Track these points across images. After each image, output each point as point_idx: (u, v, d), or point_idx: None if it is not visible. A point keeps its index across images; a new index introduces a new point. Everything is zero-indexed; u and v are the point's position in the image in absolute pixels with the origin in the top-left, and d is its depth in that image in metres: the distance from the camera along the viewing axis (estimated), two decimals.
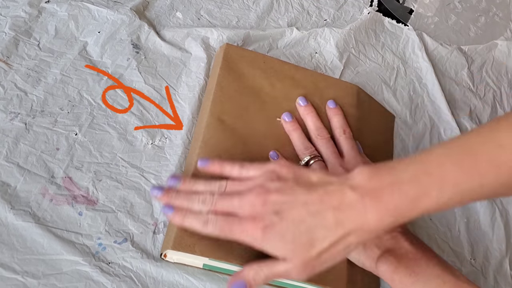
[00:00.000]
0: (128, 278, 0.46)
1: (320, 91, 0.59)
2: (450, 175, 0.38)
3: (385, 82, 0.67)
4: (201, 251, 0.46)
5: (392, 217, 0.39)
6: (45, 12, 0.61)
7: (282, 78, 0.59)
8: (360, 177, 0.40)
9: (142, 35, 0.62)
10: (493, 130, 0.39)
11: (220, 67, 0.57)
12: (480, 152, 0.39)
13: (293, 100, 0.58)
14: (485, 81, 0.71)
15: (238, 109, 0.55)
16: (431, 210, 0.40)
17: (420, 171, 0.39)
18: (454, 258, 0.56)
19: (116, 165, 0.52)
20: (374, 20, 0.73)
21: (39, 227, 0.46)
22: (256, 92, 0.57)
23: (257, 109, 0.56)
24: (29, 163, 0.50)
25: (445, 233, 0.57)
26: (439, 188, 0.38)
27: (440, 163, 0.39)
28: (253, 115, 0.55)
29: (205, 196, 0.44)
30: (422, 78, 0.69)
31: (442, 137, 0.63)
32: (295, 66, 0.61)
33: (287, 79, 0.59)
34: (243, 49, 0.62)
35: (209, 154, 0.51)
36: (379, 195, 0.39)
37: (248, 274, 0.42)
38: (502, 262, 0.57)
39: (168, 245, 0.46)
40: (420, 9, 0.76)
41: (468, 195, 0.40)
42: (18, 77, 0.55)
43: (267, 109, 0.56)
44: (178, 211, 0.44)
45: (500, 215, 0.59)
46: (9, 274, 0.44)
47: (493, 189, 0.39)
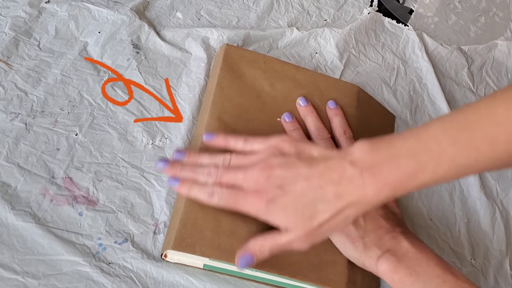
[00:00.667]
0: (129, 278, 0.46)
1: (321, 92, 0.59)
2: (446, 150, 0.39)
3: (385, 82, 0.67)
4: (201, 251, 0.46)
5: (389, 191, 0.40)
6: (45, 12, 0.61)
7: (283, 79, 0.59)
8: (360, 152, 0.42)
9: (142, 35, 0.62)
10: (490, 106, 0.40)
11: (220, 68, 0.57)
12: (476, 127, 0.39)
13: (293, 100, 0.58)
14: (485, 81, 0.71)
15: (238, 109, 0.55)
16: (427, 184, 0.41)
17: (417, 146, 0.40)
18: (454, 258, 0.56)
19: (117, 165, 0.52)
20: (374, 20, 0.73)
21: (40, 228, 0.46)
22: (257, 92, 0.57)
23: (257, 110, 0.56)
24: (29, 163, 0.50)
25: (445, 233, 0.57)
26: (436, 163, 0.40)
27: (437, 139, 0.40)
28: (253, 115, 0.55)
29: (209, 168, 0.46)
30: (422, 78, 0.69)
31: None
32: (296, 66, 0.61)
33: (288, 80, 0.59)
34: (243, 49, 0.62)
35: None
36: (377, 169, 0.40)
37: (254, 246, 0.44)
38: (502, 262, 0.57)
39: (168, 245, 0.46)
40: (420, 9, 0.76)
41: (463, 170, 0.40)
42: (19, 77, 0.55)
43: (267, 109, 0.56)
44: (184, 182, 0.47)
45: (501, 216, 0.59)
46: (9, 275, 0.44)
47: (488, 163, 0.40)
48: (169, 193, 0.51)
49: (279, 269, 0.47)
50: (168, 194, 0.51)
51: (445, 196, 0.59)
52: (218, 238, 0.46)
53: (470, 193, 0.60)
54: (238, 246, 0.45)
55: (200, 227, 0.47)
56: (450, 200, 0.59)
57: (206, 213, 0.47)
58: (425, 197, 0.59)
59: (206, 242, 0.46)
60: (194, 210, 0.47)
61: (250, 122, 0.55)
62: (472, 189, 0.60)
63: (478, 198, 0.59)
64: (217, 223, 0.47)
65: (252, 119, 0.55)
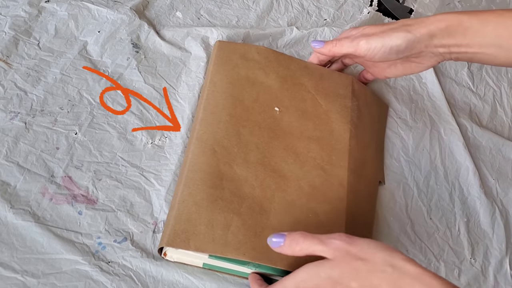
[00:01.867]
0: (128, 277, 0.46)
1: (315, 82, 0.59)
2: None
3: (386, 81, 0.67)
4: (196, 246, 0.45)
5: None
6: (45, 11, 0.61)
7: (277, 68, 0.59)
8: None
9: (142, 35, 0.62)
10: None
11: (213, 64, 0.57)
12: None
13: (288, 89, 0.58)
14: (485, 80, 0.71)
15: (232, 101, 0.55)
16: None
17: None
18: (454, 258, 0.56)
19: (116, 164, 0.52)
20: (374, 20, 0.73)
21: (39, 226, 0.46)
22: (251, 82, 0.57)
23: (252, 99, 0.56)
24: (29, 162, 0.50)
25: (445, 232, 0.57)
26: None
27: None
28: (248, 105, 0.55)
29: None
30: (422, 77, 0.69)
31: (442, 136, 0.63)
32: (290, 57, 0.61)
33: (282, 69, 0.59)
34: (235, 43, 0.62)
35: (203, 149, 0.51)
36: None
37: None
38: (502, 262, 0.57)
39: (163, 241, 0.46)
40: (420, 9, 0.76)
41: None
42: (18, 76, 0.55)
43: (262, 98, 0.56)
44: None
45: (500, 215, 0.59)
46: (9, 273, 0.44)
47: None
48: (168, 192, 0.51)
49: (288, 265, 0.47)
50: (168, 193, 0.51)
51: (445, 196, 0.59)
52: (213, 232, 0.46)
53: (470, 192, 0.60)
54: (232, 240, 0.45)
55: (194, 222, 0.46)
56: (450, 199, 0.59)
57: (200, 208, 0.47)
58: (425, 196, 0.59)
59: (200, 237, 0.46)
60: (187, 206, 0.47)
61: (244, 113, 0.55)
62: (472, 188, 0.60)
63: (478, 198, 0.59)
64: (211, 217, 0.47)
65: (247, 109, 0.55)
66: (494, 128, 0.67)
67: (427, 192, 0.59)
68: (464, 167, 0.61)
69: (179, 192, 0.48)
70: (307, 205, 0.51)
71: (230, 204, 0.48)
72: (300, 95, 0.58)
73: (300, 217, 0.50)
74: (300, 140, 0.55)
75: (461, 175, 0.61)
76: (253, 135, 0.53)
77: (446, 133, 0.64)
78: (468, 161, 0.61)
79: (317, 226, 0.50)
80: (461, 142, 0.62)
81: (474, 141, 0.65)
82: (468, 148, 0.62)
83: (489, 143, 0.65)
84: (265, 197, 0.50)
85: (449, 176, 0.61)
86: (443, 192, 0.60)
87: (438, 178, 0.60)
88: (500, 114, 0.69)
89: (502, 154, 0.64)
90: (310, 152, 0.54)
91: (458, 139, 0.63)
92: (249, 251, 0.46)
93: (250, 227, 0.47)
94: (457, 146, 0.63)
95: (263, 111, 0.55)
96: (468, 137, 0.65)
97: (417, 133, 0.63)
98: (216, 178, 0.49)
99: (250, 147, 0.52)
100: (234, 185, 0.50)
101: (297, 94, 0.58)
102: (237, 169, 0.51)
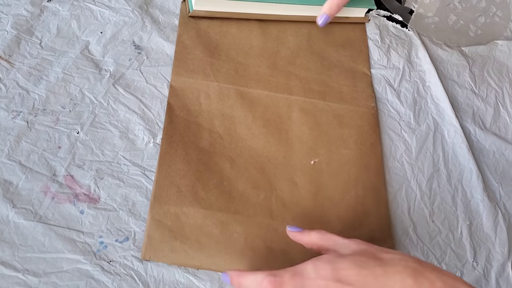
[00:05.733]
0: (129, 276, 0.46)
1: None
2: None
3: (390, 84, 0.67)
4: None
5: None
6: (47, 11, 0.61)
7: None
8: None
9: (144, 36, 0.62)
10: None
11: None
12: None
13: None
14: (487, 81, 0.71)
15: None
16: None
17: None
18: (456, 261, 0.55)
19: (118, 163, 0.52)
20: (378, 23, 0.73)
21: (41, 225, 0.46)
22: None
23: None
24: (31, 161, 0.50)
25: (447, 235, 0.57)
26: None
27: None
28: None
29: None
30: (425, 80, 0.69)
31: (445, 139, 0.63)
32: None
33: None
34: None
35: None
36: None
37: None
38: (504, 265, 0.56)
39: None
40: (420, 9, 0.76)
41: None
42: (20, 75, 0.55)
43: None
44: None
45: (503, 218, 0.59)
46: (10, 272, 0.44)
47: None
48: None
49: None
50: None
51: (447, 198, 0.59)
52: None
53: (473, 195, 0.60)
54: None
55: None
56: (453, 202, 0.59)
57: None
58: (427, 199, 0.58)
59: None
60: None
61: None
62: (475, 191, 0.60)
63: (481, 201, 0.59)
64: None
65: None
66: (498, 130, 0.67)
67: (430, 194, 0.59)
68: (467, 170, 0.61)
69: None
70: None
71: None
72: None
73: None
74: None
75: (464, 178, 0.61)
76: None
77: (449, 135, 0.64)
78: (471, 164, 0.61)
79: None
80: (465, 145, 0.62)
81: (478, 144, 0.64)
82: (471, 151, 0.62)
83: (492, 146, 0.65)
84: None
85: (452, 179, 0.61)
86: (446, 195, 0.59)
87: (441, 180, 0.60)
88: (503, 115, 0.69)
89: (505, 158, 0.64)
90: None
91: (462, 141, 0.63)
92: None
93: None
94: (460, 149, 0.62)
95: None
96: (472, 140, 0.64)
97: (420, 136, 0.63)
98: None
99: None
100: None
101: None
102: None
